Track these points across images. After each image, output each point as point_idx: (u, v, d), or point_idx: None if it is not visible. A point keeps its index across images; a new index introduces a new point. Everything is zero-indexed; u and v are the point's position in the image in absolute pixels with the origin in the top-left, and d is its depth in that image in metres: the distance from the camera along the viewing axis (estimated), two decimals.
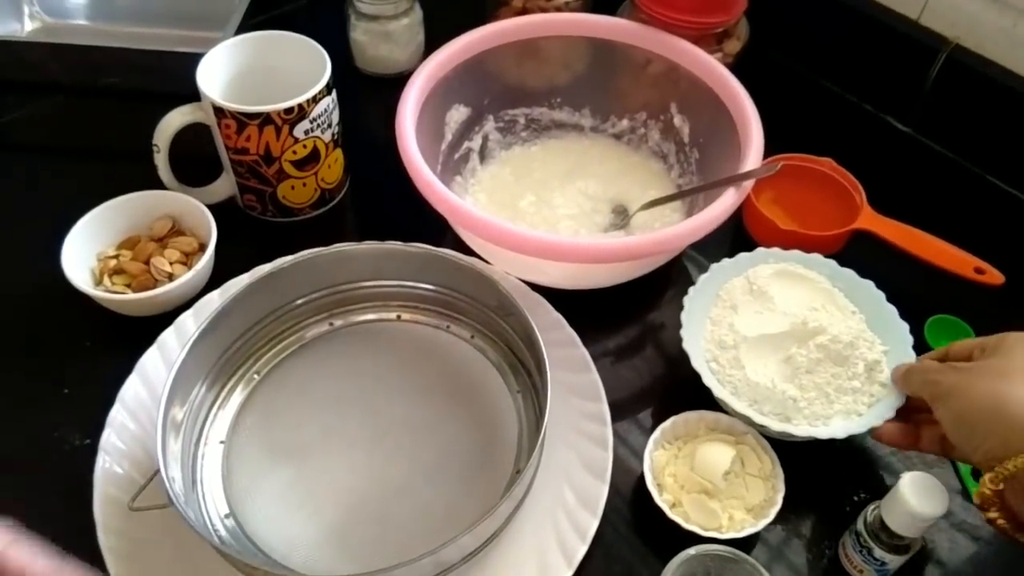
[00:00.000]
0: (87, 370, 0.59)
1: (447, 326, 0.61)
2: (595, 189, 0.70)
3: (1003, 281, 0.63)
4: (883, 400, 0.54)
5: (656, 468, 0.53)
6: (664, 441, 0.55)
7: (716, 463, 0.52)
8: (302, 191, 0.67)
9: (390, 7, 0.77)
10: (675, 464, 0.54)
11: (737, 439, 0.54)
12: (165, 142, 0.63)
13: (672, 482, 0.53)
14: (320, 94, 0.62)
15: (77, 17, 0.85)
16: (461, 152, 0.71)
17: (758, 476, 0.53)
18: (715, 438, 0.54)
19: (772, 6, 0.79)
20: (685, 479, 0.52)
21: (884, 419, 0.53)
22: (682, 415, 0.55)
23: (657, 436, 0.54)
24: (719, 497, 0.52)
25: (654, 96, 0.71)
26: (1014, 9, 0.68)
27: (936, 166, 0.76)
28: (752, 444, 0.54)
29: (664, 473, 0.53)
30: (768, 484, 0.52)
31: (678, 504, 0.52)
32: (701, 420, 0.55)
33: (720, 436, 0.55)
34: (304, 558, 0.50)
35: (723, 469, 0.51)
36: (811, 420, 0.54)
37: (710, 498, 0.51)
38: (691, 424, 0.55)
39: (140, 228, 0.65)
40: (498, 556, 0.49)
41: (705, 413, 0.55)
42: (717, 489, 0.51)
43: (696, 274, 0.68)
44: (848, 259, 0.67)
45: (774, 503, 0.51)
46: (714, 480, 0.51)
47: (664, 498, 0.52)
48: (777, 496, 0.51)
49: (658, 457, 0.54)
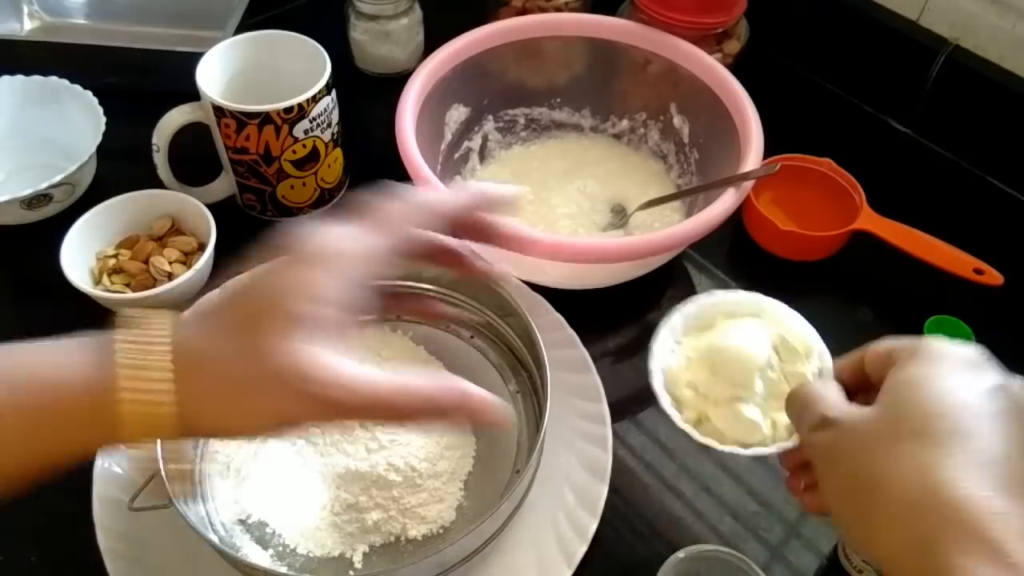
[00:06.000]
0: None
1: (447, 326, 0.61)
2: (594, 188, 0.70)
3: (1002, 282, 0.63)
4: None
5: (669, 380, 0.42)
6: (672, 341, 0.44)
7: (747, 358, 0.41)
8: (302, 191, 0.67)
9: (390, 7, 0.77)
10: (692, 369, 0.43)
11: (767, 320, 0.44)
12: (164, 141, 0.63)
13: (692, 395, 0.42)
14: (320, 94, 0.62)
15: (76, 16, 0.85)
16: (461, 152, 0.71)
17: (800, 358, 0.42)
18: (737, 325, 0.43)
19: (772, 6, 0.79)
20: (709, 387, 0.41)
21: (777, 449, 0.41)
22: (694, 301, 0.44)
23: (664, 336, 0.43)
24: (755, 401, 0.41)
25: (654, 96, 0.71)
26: (1014, 10, 0.69)
27: (936, 167, 0.76)
28: (781, 322, 0.43)
29: (680, 384, 0.42)
30: (812, 364, 0.42)
31: (704, 420, 0.41)
32: (717, 307, 0.44)
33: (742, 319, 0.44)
34: (305, 553, 0.50)
35: (757, 364, 0.41)
36: None
37: (745, 404, 0.41)
38: (705, 313, 0.44)
39: (139, 227, 0.65)
40: (498, 556, 0.49)
41: (722, 294, 0.44)
42: (752, 393, 0.41)
43: (696, 274, 0.68)
44: (847, 260, 0.67)
45: None
46: (747, 382, 0.41)
47: (685, 417, 0.41)
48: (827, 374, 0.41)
49: (671, 366, 0.43)
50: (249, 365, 0.33)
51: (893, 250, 0.65)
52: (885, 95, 0.79)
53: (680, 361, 0.43)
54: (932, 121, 0.77)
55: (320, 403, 0.32)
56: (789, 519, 0.54)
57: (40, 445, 0.33)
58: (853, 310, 0.66)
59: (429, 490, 0.52)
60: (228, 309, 0.35)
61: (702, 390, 0.42)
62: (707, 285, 0.67)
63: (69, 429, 0.33)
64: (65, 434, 0.33)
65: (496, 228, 0.40)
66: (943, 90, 0.74)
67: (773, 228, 0.66)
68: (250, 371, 0.32)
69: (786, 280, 0.67)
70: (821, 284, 0.67)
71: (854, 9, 0.77)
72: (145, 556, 0.49)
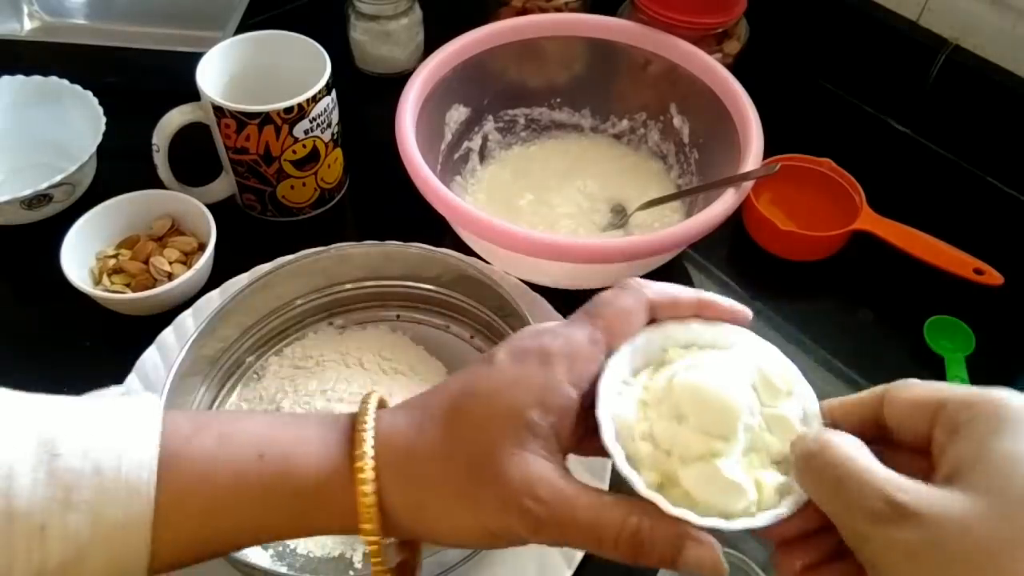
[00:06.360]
0: (86, 370, 0.59)
1: (447, 326, 0.61)
2: (594, 188, 0.70)
3: (1002, 282, 0.63)
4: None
5: (620, 431, 0.32)
6: (619, 381, 0.33)
7: (727, 402, 0.31)
8: (302, 191, 0.67)
9: (390, 7, 0.77)
10: (648, 417, 0.32)
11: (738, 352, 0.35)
12: (164, 141, 0.63)
13: (650, 451, 0.32)
14: (320, 94, 0.62)
15: (76, 16, 0.85)
16: (461, 152, 0.71)
17: (783, 398, 0.33)
18: (704, 357, 0.34)
19: (772, 6, 0.79)
20: (672, 440, 0.31)
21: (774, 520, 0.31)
22: (642, 335, 0.34)
23: (612, 374, 0.33)
24: (733, 455, 0.31)
25: (654, 96, 0.71)
26: (1014, 10, 0.69)
27: (936, 167, 0.76)
28: (756, 354, 0.35)
29: (633, 437, 0.32)
30: (796, 406, 0.33)
31: (670, 483, 0.31)
32: (669, 340, 0.35)
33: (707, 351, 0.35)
34: (305, 553, 0.50)
35: (739, 408, 0.31)
36: None
37: (725, 461, 0.31)
38: (657, 345, 0.35)
39: (139, 227, 0.65)
40: (498, 556, 0.49)
41: (670, 327, 0.35)
42: (734, 447, 0.31)
43: (696, 274, 0.68)
44: (847, 260, 0.67)
45: None
46: (728, 432, 0.31)
47: (646, 481, 0.31)
48: (814, 428, 0.32)
49: (620, 413, 0.32)
50: (473, 471, 0.30)
51: (893, 250, 0.65)
52: (885, 95, 0.79)
53: (631, 407, 0.33)
54: (932, 121, 0.77)
55: (542, 524, 0.30)
56: None
57: (269, 519, 0.32)
58: (853, 310, 0.66)
59: None
60: (453, 403, 0.32)
61: (664, 444, 0.32)
62: (707, 285, 0.67)
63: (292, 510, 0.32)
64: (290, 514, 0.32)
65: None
66: (943, 90, 0.74)
67: (773, 228, 0.66)
68: (472, 477, 0.30)
69: (786, 280, 0.67)
70: (821, 284, 0.67)
71: (854, 9, 0.77)
72: None
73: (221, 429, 0.32)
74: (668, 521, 0.30)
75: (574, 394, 0.32)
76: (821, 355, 0.62)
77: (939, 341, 0.62)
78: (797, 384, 0.34)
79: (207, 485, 0.31)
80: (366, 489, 0.31)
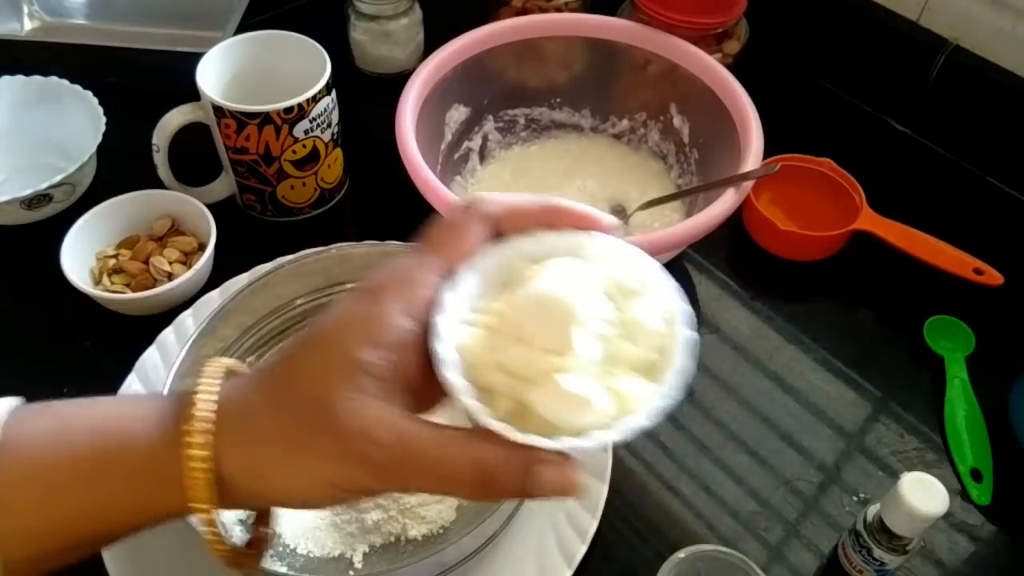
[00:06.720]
0: (86, 369, 0.59)
1: None
2: (594, 188, 0.70)
3: (1002, 282, 0.63)
4: None
5: (470, 365, 0.29)
6: (467, 308, 0.31)
7: (559, 307, 0.29)
8: (302, 191, 0.67)
9: (390, 7, 0.77)
10: (499, 344, 0.30)
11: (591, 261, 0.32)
12: (164, 141, 0.63)
13: (505, 380, 0.29)
14: (320, 94, 0.62)
15: (76, 16, 0.85)
16: (461, 152, 0.71)
17: (640, 299, 0.31)
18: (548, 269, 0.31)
19: (772, 6, 0.79)
20: (525, 364, 0.29)
21: None
22: (491, 253, 0.32)
23: (453, 304, 0.30)
24: (583, 367, 0.29)
25: (654, 96, 0.71)
26: (1013, 10, 0.69)
27: (936, 167, 0.76)
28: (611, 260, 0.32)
29: (486, 368, 0.29)
30: (657, 305, 0.31)
31: (525, 411, 0.29)
32: (517, 255, 0.32)
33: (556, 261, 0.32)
34: (305, 553, 0.50)
35: (576, 313, 0.29)
36: None
37: (566, 375, 0.28)
38: (509, 266, 0.32)
39: (139, 227, 0.65)
40: (498, 556, 0.49)
41: (519, 241, 0.32)
42: (574, 357, 0.29)
43: (696, 274, 0.68)
44: (847, 260, 0.67)
45: (682, 345, 0.30)
46: (562, 342, 0.29)
47: (500, 410, 0.29)
48: (679, 328, 0.30)
49: (467, 344, 0.30)
50: (307, 421, 0.28)
51: (893, 250, 0.65)
52: (885, 95, 0.79)
53: (479, 335, 0.30)
54: (932, 121, 0.77)
55: (385, 469, 0.28)
56: (789, 519, 0.54)
57: (109, 498, 0.30)
58: (853, 310, 0.66)
59: None
60: (287, 355, 0.30)
61: (515, 370, 0.29)
62: (707, 285, 0.67)
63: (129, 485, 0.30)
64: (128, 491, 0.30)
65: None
66: (943, 90, 0.74)
67: (773, 228, 0.66)
68: (307, 428, 0.28)
69: (786, 280, 0.67)
70: (821, 284, 0.67)
71: (854, 9, 0.77)
72: (145, 556, 0.48)
73: (62, 412, 0.31)
74: (517, 450, 0.28)
75: (408, 325, 0.29)
76: (821, 355, 0.62)
77: (939, 341, 0.62)
78: (656, 284, 0.31)
79: (42, 469, 0.29)
80: (193, 453, 0.28)
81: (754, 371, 0.61)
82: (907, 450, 0.57)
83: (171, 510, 0.30)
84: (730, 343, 0.62)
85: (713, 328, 0.63)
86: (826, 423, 0.58)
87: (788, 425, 0.58)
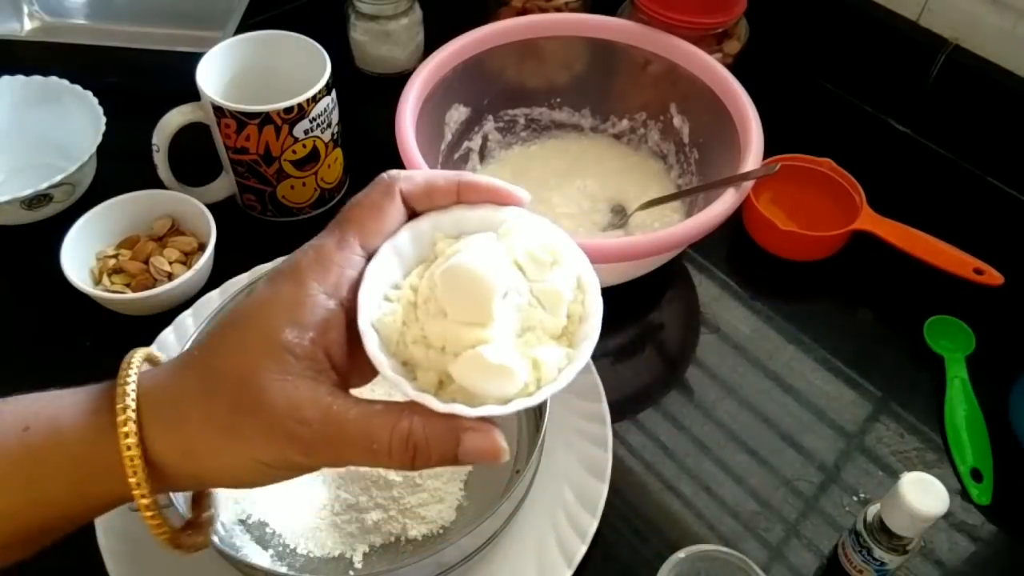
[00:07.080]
0: (86, 370, 0.59)
1: None
2: (594, 188, 0.70)
3: (1002, 282, 0.63)
4: None
5: (390, 340, 0.31)
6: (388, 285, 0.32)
7: (479, 281, 0.30)
8: (302, 191, 0.67)
9: (390, 7, 0.77)
10: (419, 319, 0.31)
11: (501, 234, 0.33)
12: (164, 141, 0.63)
13: (426, 352, 0.31)
14: (320, 94, 0.62)
15: (76, 16, 0.85)
16: (461, 152, 0.71)
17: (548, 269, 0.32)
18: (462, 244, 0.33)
19: (772, 6, 0.79)
20: (444, 336, 0.30)
21: None
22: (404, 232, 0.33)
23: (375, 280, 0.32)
24: (503, 338, 0.30)
25: (654, 96, 0.71)
26: (1014, 10, 0.69)
27: (936, 166, 0.76)
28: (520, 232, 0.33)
29: (408, 342, 0.31)
30: (567, 273, 0.33)
31: (447, 382, 0.31)
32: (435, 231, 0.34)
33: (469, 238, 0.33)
34: (305, 553, 0.50)
35: (494, 286, 0.30)
36: None
37: (489, 347, 0.30)
38: (424, 240, 0.34)
39: (139, 227, 0.65)
40: (498, 556, 0.49)
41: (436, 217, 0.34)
42: (494, 328, 0.30)
43: (696, 274, 0.68)
44: (847, 260, 0.67)
45: (592, 311, 0.32)
46: (484, 314, 0.30)
47: (425, 382, 0.31)
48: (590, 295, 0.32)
49: (390, 320, 0.31)
50: (234, 404, 0.29)
51: (893, 250, 0.65)
52: (885, 95, 0.79)
53: (399, 311, 0.31)
54: (932, 121, 0.77)
55: (312, 446, 0.29)
56: (789, 519, 0.54)
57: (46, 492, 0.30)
58: (853, 310, 0.66)
59: (429, 490, 0.52)
60: (211, 338, 0.31)
61: (437, 343, 0.31)
62: (707, 285, 0.67)
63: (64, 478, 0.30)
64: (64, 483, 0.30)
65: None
66: (943, 90, 0.74)
67: (773, 228, 0.66)
68: (234, 410, 0.29)
69: (786, 280, 0.67)
70: (821, 284, 0.67)
71: (854, 9, 0.77)
72: (145, 556, 0.48)
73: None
74: (441, 419, 0.29)
75: (331, 304, 0.30)
76: (821, 355, 0.62)
77: (939, 341, 0.62)
78: (566, 253, 0.33)
79: None
80: (129, 442, 0.29)
81: (754, 371, 0.61)
82: (907, 450, 0.57)
83: (109, 498, 0.31)
84: (730, 343, 0.63)
85: (713, 328, 0.63)
86: (826, 423, 0.58)
87: (788, 425, 0.58)
